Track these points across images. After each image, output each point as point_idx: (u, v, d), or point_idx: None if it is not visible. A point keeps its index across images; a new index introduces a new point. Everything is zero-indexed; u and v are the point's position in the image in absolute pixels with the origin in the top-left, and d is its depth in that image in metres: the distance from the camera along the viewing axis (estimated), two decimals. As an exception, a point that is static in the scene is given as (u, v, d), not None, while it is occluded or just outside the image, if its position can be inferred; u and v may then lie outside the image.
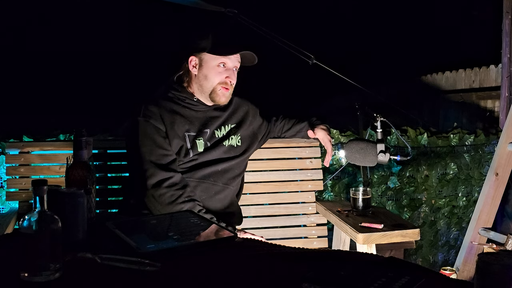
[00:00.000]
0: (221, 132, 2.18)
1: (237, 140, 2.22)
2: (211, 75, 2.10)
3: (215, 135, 2.16)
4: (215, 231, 1.59)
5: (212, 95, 2.12)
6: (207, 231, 1.59)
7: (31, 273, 1.20)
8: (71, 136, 2.68)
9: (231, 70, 2.12)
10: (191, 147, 2.09)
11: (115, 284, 1.21)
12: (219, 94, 2.11)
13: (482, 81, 5.15)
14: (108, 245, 1.44)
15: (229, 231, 1.59)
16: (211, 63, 2.10)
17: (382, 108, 2.47)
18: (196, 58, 2.12)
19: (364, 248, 2.04)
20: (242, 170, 2.28)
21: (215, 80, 2.10)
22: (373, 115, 2.31)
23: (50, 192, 1.26)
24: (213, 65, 2.09)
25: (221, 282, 1.24)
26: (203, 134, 2.13)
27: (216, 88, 2.11)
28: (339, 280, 1.18)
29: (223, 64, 2.10)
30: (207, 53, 2.09)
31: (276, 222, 2.55)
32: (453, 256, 3.27)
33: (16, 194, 2.36)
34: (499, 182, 2.96)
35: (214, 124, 2.17)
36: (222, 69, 2.10)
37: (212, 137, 2.15)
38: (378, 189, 3.10)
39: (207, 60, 2.10)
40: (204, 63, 2.10)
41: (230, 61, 2.11)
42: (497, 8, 3.52)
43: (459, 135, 3.23)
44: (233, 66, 2.13)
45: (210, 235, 1.56)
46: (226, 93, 2.12)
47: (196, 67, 2.12)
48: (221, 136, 2.18)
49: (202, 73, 2.11)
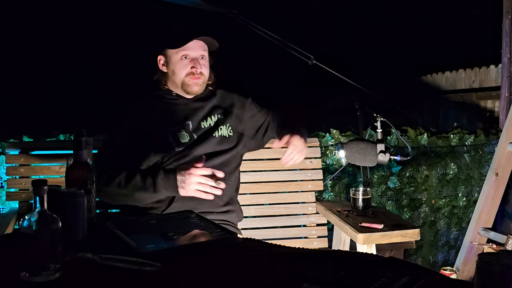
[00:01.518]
0: (207, 122, 2.18)
1: (228, 130, 2.20)
2: (177, 69, 2.14)
3: (201, 126, 2.16)
4: (215, 231, 1.59)
5: (184, 88, 2.15)
6: (207, 231, 1.59)
7: (31, 273, 1.20)
8: (71, 136, 2.68)
9: (196, 59, 2.14)
10: (173, 141, 2.10)
11: (115, 284, 1.21)
12: (190, 84, 2.14)
13: (482, 81, 5.15)
14: (108, 245, 1.44)
15: (229, 231, 1.59)
16: (174, 58, 2.14)
17: (382, 108, 2.47)
18: (162, 57, 2.17)
19: (364, 248, 2.04)
20: (238, 163, 2.26)
21: (182, 73, 2.13)
22: (373, 115, 2.31)
23: (50, 192, 1.26)
24: (177, 59, 2.14)
25: (221, 282, 1.24)
26: (185, 126, 2.13)
27: (186, 80, 2.14)
28: (339, 280, 1.18)
29: (185, 56, 2.13)
30: (169, 49, 2.14)
31: (276, 222, 2.55)
32: (453, 256, 3.26)
33: (16, 194, 2.36)
34: (499, 182, 2.95)
35: (198, 115, 2.17)
36: (186, 61, 2.13)
37: (198, 129, 2.15)
38: (378, 189, 3.10)
39: (171, 56, 2.14)
40: (169, 59, 2.15)
41: (192, 51, 2.13)
42: (497, 8, 3.52)
43: (459, 135, 3.23)
44: (199, 55, 2.15)
45: (210, 235, 1.56)
46: (197, 81, 2.14)
47: (165, 64, 2.17)
48: (207, 126, 2.17)
49: (170, 69, 2.16)
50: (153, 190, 1.97)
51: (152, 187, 1.97)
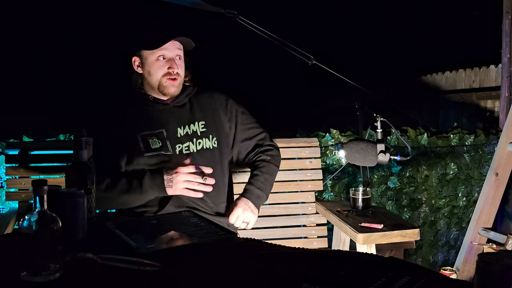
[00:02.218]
0: (184, 130, 2.09)
1: (213, 142, 2.12)
2: (153, 70, 2.08)
3: (177, 134, 2.08)
4: (215, 231, 1.59)
5: (160, 89, 2.09)
6: (207, 231, 1.59)
7: (31, 273, 1.20)
8: (71, 136, 2.68)
9: (173, 60, 2.08)
10: (143, 145, 2.04)
11: (115, 284, 1.21)
12: (167, 86, 2.08)
13: (482, 81, 5.15)
14: (108, 245, 1.44)
15: (229, 231, 1.59)
16: (150, 59, 2.08)
17: (382, 108, 2.47)
18: (137, 58, 2.12)
19: (364, 248, 2.04)
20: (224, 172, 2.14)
21: (158, 74, 2.08)
22: (373, 115, 2.31)
23: (50, 192, 1.26)
24: (153, 60, 2.08)
25: (221, 282, 1.23)
26: (158, 134, 2.06)
27: (162, 81, 2.08)
28: (339, 280, 1.18)
29: (162, 57, 2.08)
30: (144, 49, 2.09)
31: (276, 222, 2.55)
32: (453, 256, 3.26)
33: (16, 194, 2.36)
34: (499, 182, 2.95)
35: (174, 122, 2.10)
36: (163, 62, 2.08)
37: (172, 137, 2.07)
38: (378, 189, 3.10)
39: (146, 57, 2.09)
40: (145, 60, 2.09)
41: (168, 51, 2.08)
42: (497, 8, 3.52)
43: (459, 135, 3.23)
44: (175, 55, 2.09)
45: (210, 235, 1.56)
46: (174, 83, 2.08)
47: (140, 66, 2.12)
48: (184, 134, 2.08)
49: (146, 71, 2.10)
50: (140, 191, 1.94)
51: (139, 188, 1.94)
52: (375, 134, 2.30)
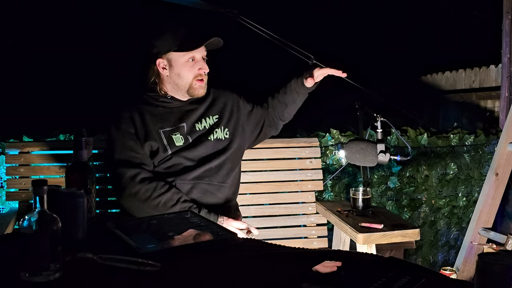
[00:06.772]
0: (202, 124, 2.16)
1: (225, 133, 2.19)
2: (184, 72, 2.10)
3: (195, 128, 2.14)
4: (215, 231, 1.59)
5: (190, 91, 2.13)
6: (207, 231, 1.59)
7: (31, 273, 1.20)
8: (71, 136, 2.68)
9: (201, 61, 2.13)
10: (167, 143, 2.09)
11: (115, 284, 1.21)
12: (196, 88, 2.12)
13: (482, 81, 5.15)
14: (108, 245, 1.44)
15: (229, 231, 1.59)
16: (180, 61, 2.10)
17: (382, 108, 2.47)
18: (163, 60, 2.11)
19: (364, 248, 2.04)
20: (237, 164, 2.25)
21: (189, 76, 2.11)
22: (373, 115, 2.31)
23: (50, 192, 1.26)
24: (183, 62, 2.10)
25: (221, 282, 1.23)
26: (179, 129, 2.12)
27: (192, 83, 2.11)
28: (339, 280, 1.18)
29: (192, 59, 2.11)
30: (173, 52, 2.09)
31: (276, 222, 2.55)
32: (453, 256, 3.26)
33: (16, 194, 2.36)
34: (499, 182, 2.95)
35: (192, 117, 2.16)
36: (193, 63, 2.11)
37: (192, 131, 2.14)
38: (378, 189, 3.10)
39: (175, 59, 2.10)
40: (174, 62, 2.10)
41: (197, 52, 2.11)
42: (497, 8, 3.52)
43: (459, 135, 3.23)
44: (202, 56, 2.14)
45: (210, 235, 1.56)
46: (202, 84, 2.13)
47: (166, 68, 2.11)
48: (202, 129, 2.16)
49: (174, 73, 2.11)
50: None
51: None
52: (375, 134, 2.30)
